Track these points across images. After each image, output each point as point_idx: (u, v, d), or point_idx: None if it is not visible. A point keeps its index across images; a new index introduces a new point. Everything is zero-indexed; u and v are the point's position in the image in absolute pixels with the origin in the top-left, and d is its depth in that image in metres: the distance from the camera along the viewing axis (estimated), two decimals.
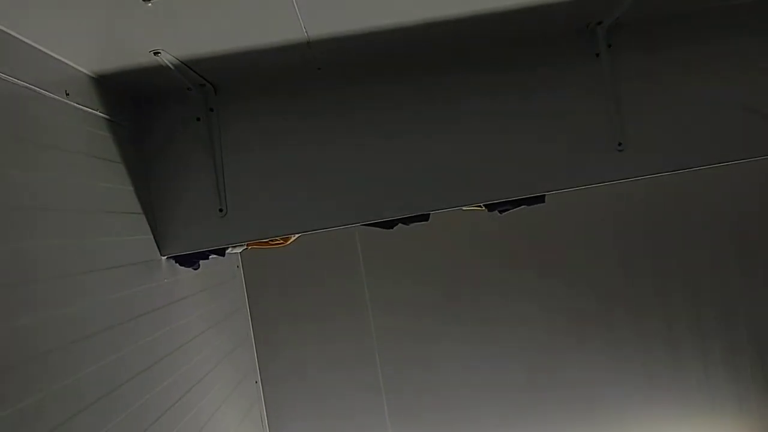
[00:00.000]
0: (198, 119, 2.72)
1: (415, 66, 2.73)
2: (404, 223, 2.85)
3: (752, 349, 4.31)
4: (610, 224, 4.28)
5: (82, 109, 2.19)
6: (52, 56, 2.04)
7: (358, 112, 2.75)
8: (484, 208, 2.92)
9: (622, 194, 4.16)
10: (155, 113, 2.70)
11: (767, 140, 2.71)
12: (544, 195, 2.83)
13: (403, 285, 4.25)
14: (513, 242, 4.25)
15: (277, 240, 3.14)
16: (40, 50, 1.97)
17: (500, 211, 2.94)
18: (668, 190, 4.19)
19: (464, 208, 2.87)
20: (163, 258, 2.66)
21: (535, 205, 2.87)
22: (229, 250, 3.01)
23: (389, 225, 2.86)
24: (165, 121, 2.71)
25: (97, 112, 2.30)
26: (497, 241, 4.23)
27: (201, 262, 2.91)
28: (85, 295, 1.94)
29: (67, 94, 2.08)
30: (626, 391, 4.29)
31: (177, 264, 2.78)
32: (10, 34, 1.82)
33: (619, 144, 2.70)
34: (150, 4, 1.83)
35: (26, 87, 1.84)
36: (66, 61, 2.13)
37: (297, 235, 3.13)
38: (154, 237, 2.62)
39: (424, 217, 2.83)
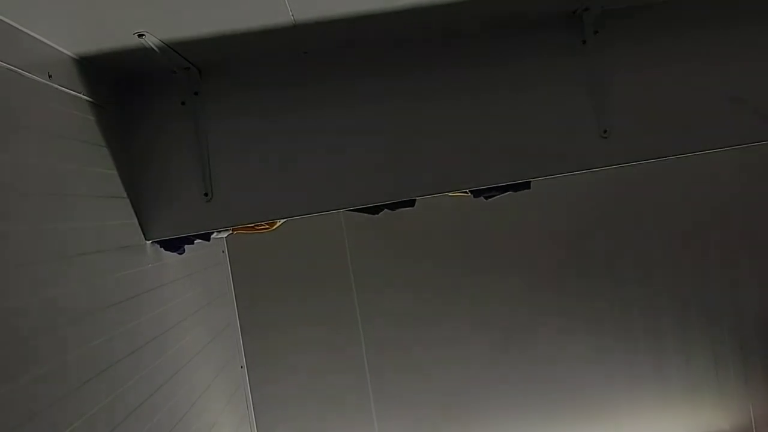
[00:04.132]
0: (183, 103, 2.69)
1: (401, 51, 2.72)
2: (390, 209, 2.85)
3: (732, 336, 4.37)
4: (594, 211, 4.32)
5: (65, 92, 2.16)
6: (34, 37, 2.01)
7: (344, 97, 2.73)
8: (469, 194, 2.93)
9: (608, 181, 4.19)
10: (140, 96, 2.67)
11: (752, 129, 2.73)
12: (530, 181, 2.84)
13: (388, 269, 4.26)
14: (498, 226, 4.27)
15: (262, 225, 3.13)
16: (22, 31, 1.94)
17: (486, 197, 2.95)
18: (652, 178, 4.23)
19: (450, 194, 2.87)
20: (148, 243, 2.64)
21: (521, 191, 2.88)
22: (214, 235, 3.00)
23: (375, 210, 2.86)
24: (149, 105, 2.68)
25: (81, 95, 2.27)
26: (482, 225, 4.25)
27: (186, 246, 2.89)
28: (68, 280, 1.92)
29: (50, 77, 2.05)
30: (608, 376, 4.35)
31: (162, 249, 2.76)
32: None
33: (604, 131, 2.71)
34: None
35: (8, 68, 1.81)
36: (49, 42, 2.09)
37: (283, 220, 3.12)
38: (139, 221, 2.60)
39: (410, 203, 2.83)
